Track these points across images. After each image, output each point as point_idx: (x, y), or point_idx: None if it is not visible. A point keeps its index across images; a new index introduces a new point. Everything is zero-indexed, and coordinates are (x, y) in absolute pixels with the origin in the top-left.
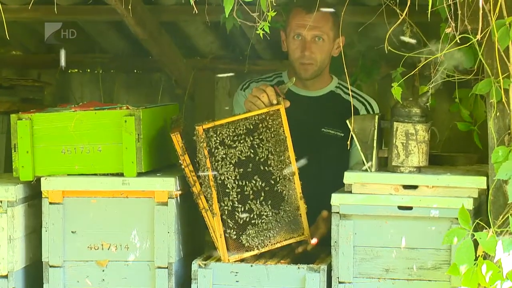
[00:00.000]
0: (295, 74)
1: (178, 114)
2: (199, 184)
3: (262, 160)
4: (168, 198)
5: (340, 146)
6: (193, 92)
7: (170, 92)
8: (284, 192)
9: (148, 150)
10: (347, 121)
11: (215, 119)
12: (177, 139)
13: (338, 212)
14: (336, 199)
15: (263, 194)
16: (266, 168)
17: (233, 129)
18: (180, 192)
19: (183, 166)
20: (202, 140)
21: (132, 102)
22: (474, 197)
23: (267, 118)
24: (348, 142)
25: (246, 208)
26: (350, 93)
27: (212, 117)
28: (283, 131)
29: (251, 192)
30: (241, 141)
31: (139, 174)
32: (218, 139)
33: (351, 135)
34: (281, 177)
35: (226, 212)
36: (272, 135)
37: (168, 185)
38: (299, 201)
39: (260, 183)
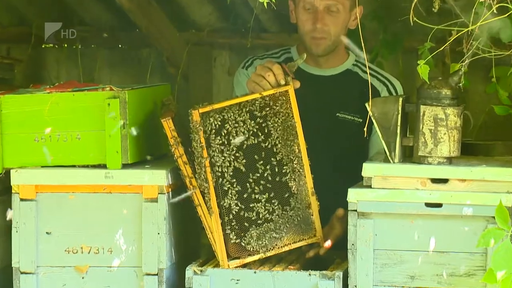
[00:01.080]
0: (305, 49)
1: (170, 97)
2: (194, 178)
3: (267, 150)
4: (158, 193)
5: (358, 134)
6: (187, 70)
7: (161, 70)
8: (294, 187)
9: (135, 138)
10: (366, 105)
11: (213, 102)
12: (168, 125)
13: (355, 210)
14: (353, 194)
15: (268, 190)
16: (272, 159)
17: (234, 114)
18: (172, 186)
19: (175, 157)
20: (197, 127)
21: (116, 82)
22: None
23: (274, 101)
24: (365, 129)
25: (249, 206)
26: (368, 71)
27: (209, 99)
28: (292, 116)
29: (254, 186)
30: (243, 128)
31: (125, 166)
32: (217, 125)
33: (370, 120)
34: (289, 170)
35: (226, 210)
36: (280, 121)
37: (158, 178)
38: (311, 197)
39: (265, 176)
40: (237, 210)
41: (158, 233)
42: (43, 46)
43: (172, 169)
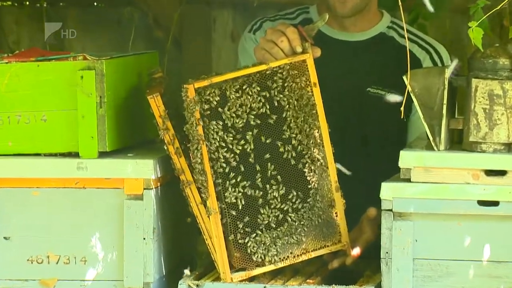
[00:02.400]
0: (327, 9)
1: (158, 68)
2: (189, 169)
3: (280, 135)
4: (144, 189)
5: (393, 114)
6: (179, 35)
7: (147, 34)
8: (313, 181)
9: (114, 119)
10: (404, 77)
11: (212, 75)
12: (156, 104)
13: (390, 210)
14: (388, 190)
15: (281, 185)
16: (286, 146)
17: (238, 89)
18: (161, 180)
19: (165, 143)
20: (193, 105)
21: (91, 49)
22: None
23: (288, 74)
24: (402, 108)
25: (257, 204)
26: (407, 35)
27: (207, 71)
28: (312, 93)
29: (264, 181)
30: (250, 108)
31: (102, 155)
32: (217, 103)
33: (409, 97)
34: (308, 160)
35: (228, 210)
36: (296, 98)
37: (143, 170)
38: (334, 194)
39: (277, 168)
40: (242, 210)
41: (144, 238)
42: None
43: (161, 158)
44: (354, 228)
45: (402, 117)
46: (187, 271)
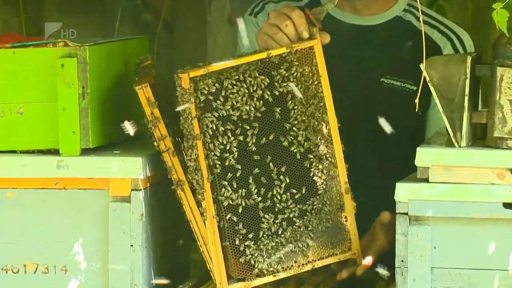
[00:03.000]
0: None
1: (148, 55)
2: (182, 168)
3: (284, 130)
4: (132, 190)
5: (410, 107)
6: (171, 18)
7: (135, 18)
8: (321, 181)
9: (99, 112)
10: (421, 66)
11: (208, 63)
12: (145, 95)
13: (406, 213)
14: (403, 191)
15: (285, 185)
16: (291, 143)
17: (238, 80)
18: (151, 180)
19: (155, 139)
20: (188, 97)
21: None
22: None
23: (294, 62)
24: (417, 100)
25: (258, 207)
26: (422, 19)
27: (202, 59)
28: (320, 83)
29: (265, 181)
30: (251, 99)
31: (85, 152)
32: (214, 95)
33: (427, 87)
34: (315, 158)
35: (226, 214)
36: (302, 89)
37: (131, 169)
38: (344, 196)
39: (281, 167)
40: (242, 214)
41: (132, 245)
42: None
43: (151, 156)
44: (365, 234)
45: (418, 110)
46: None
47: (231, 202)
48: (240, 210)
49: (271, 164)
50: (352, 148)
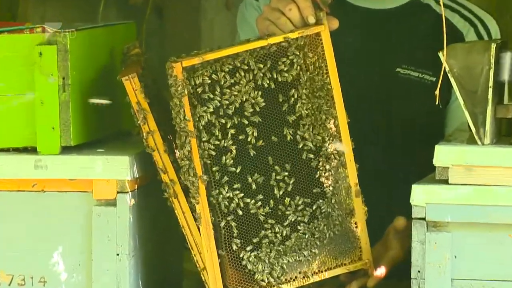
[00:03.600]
0: None
1: (136, 42)
2: (173, 168)
3: (288, 126)
4: (118, 192)
5: (428, 100)
6: (161, 1)
7: (121, 1)
8: (328, 183)
9: (81, 106)
10: (440, 54)
11: (204, 51)
12: (133, 87)
13: (423, 219)
14: (420, 194)
15: (289, 187)
16: (295, 139)
17: (236, 69)
18: (139, 181)
19: (144, 135)
20: (181, 89)
21: (52, 20)
22: None
23: (298, 50)
24: (437, 92)
25: (259, 211)
26: (442, 2)
27: (196, 47)
28: (327, 73)
29: (267, 182)
30: (251, 91)
31: (66, 150)
32: (210, 86)
33: (447, 78)
34: (322, 157)
35: (222, 219)
36: (307, 81)
37: (117, 169)
38: (354, 199)
39: (284, 167)
40: (240, 219)
41: (118, 254)
42: None
43: (140, 154)
44: (378, 242)
45: (437, 104)
46: None
47: (228, 206)
48: (238, 215)
49: (273, 163)
50: (363, 145)
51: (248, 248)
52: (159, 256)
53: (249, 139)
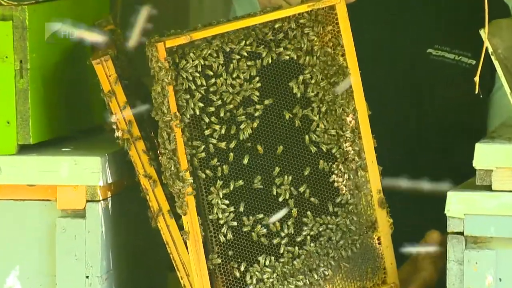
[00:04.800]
0: None
1: (109, 17)
2: (155, 171)
3: (296, 121)
4: (87, 201)
5: (467, 87)
6: None
7: None
8: (345, 190)
9: (43, 96)
10: (481, 32)
11: (192, 28)
12: (106, 72)
13: (461, 233)
14: (457, 203)
15: (297, 195)
16: (304, 137)
17: (232, 51)
18: (114, 187)
19: (119, 131)
20: (164, 74)
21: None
22: None
23: (308, 28)
24: (476, 78)
25: (260, 224)
26: None
27: (184, 24)
28: (343, 55)
29: (269, 189)
30: (250, 78)
31: (24, 150)
32: (199, 72)
33: (489, 62)
34: (338, 158)
35: (215, 233)
36: (320, 66)
37: (86, 173)
38: (377, 210)
39: (290, 170)
40: (236, 233)
41: (87, 277)
42: None
43: (114, 154)
44: (406, 261)
45: (477, 93)
46: None
47: (222, 218)
48: (235, 228)
49: (276, 166)
50: (388, 144)
51: (246, 270)
52: (139, 278)
53: (246, 136)
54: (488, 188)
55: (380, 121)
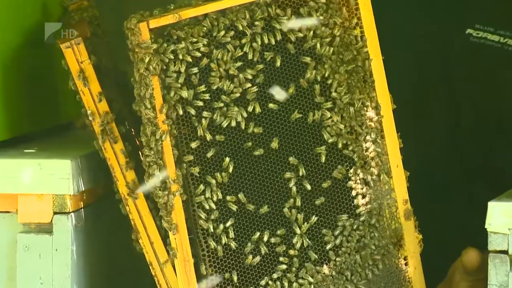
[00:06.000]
0: None
1: None
2: (137, 178)
3: (306, 114)
4: (55, 214)
5: None
6: None
7: None
8: (365, 200)
9: (1, 87)
10: None
11: (181, 5)
12: (77, 57)
13: (505, 252)
14: (500, 215)
15: (309, 206)
16: (316, 135)
17: (228, 31)
18: (86, 196)
19: (94, 129)
20: (147, 61)
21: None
22: None
23: (322, 5)
24: None
25: (263, 240)
26: None
27: None
28: (363, 40)
29: (274, 198)
30: (250, 64)
31: None
32: (190, 58)
33: None
34: (356, 163)
35: (209, 253)
36: (336, 56)
37: (53, 179)
38: (403, 223)
39: (300, 176)
40: (234, 254)
41: None
42: None
43: (87, 157)
44: (439, 284)
45: None
46: None
47: (216, 233)
48: (232, 248)
49: (282, 171)
50: (416, 144)
51: None
52: None
53: (250, 135)
54: None
55: (406, 117)
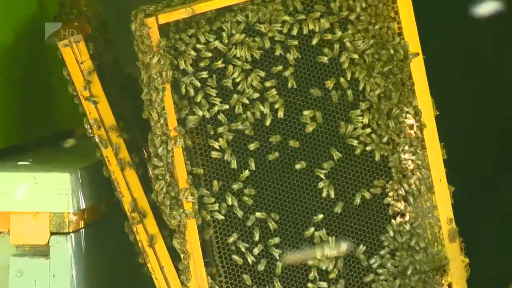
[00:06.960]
0: None
1: None
2: (145, 194)
3: (333, 121)
4: (52, 234)
5: None
6: None
7: None
8: (403, 219)
9: None
10: None
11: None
12: (77, 57)
13: None
14: None
15: (336, 225)
16: (345, 144)
17: (246, 29)
18: (87, 214)
19: (96, 139)
20: (156, 62)
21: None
22: None
23: (356, 10)
24: None
25: (284, 263)
26: None
27: None
28: (401, 34)
29: (299, 215)
30: (269, 63)
31: None
32: (204, 56)
33: None
34: (393, 175)
35: (227, 278)
36: (368, 51)
37: (51, 195)
38: (447, 245)
39: (328, 187)
40: (256, 277)
41: None
42: None
43: (89, 169)
44: None
45: None
46: None
47: (235, 256)
48: (253, 272)
49: (307, 185)
50: (463, 153)
51: None
52: None
53: (270, 142)
54: None
55: (452, 123)
